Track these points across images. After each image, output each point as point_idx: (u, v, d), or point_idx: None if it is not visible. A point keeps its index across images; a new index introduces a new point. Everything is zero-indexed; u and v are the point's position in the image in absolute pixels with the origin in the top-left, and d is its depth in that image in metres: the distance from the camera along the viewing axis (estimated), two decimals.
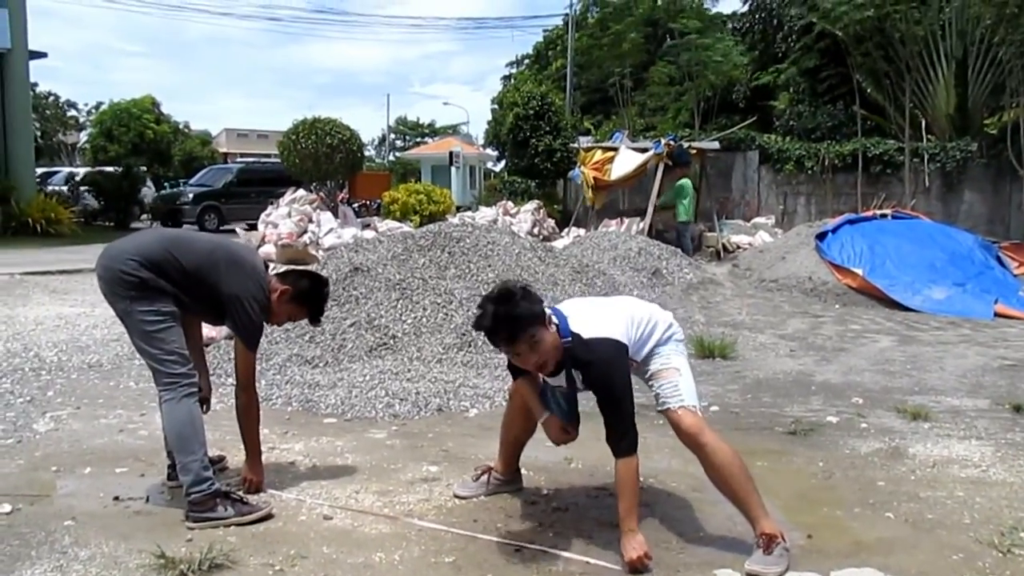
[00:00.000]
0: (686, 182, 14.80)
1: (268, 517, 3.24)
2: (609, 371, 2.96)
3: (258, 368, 5.68)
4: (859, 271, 10.40)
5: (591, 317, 3.08)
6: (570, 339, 3.00)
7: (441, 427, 4.68)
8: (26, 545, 2.98)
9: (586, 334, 3.00)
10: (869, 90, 20.15)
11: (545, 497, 3.57)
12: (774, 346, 7.33)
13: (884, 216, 12.46)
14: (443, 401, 5.10)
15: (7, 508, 3.32)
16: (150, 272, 3.21)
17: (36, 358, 6.15)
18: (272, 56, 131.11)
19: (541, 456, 3.93)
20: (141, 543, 2.97)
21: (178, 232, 3.45)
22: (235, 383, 3.54)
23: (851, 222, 11.90)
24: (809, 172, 19.29)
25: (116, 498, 3.46)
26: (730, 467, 2.98)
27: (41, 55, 21.06)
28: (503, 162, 31.73)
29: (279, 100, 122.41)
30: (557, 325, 3.03)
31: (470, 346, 6.12)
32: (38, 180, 20.70)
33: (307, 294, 3.61)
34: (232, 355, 3.69)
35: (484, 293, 6.54)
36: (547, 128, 21.23)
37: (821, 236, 11.47)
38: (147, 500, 3.45)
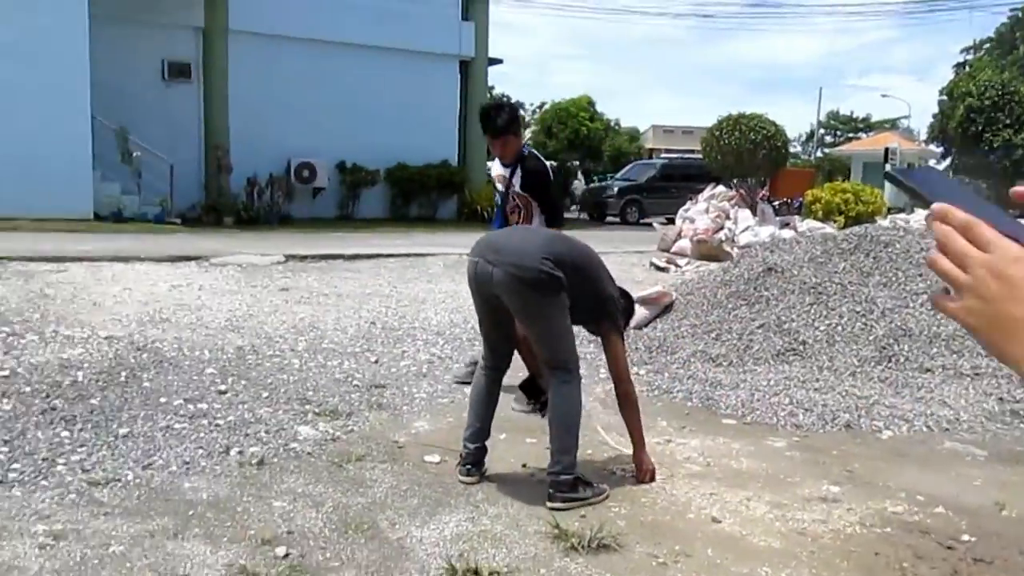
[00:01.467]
0: None
1: (606, 498, 3.38)
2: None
3: (662, 361, 5.83)
4: None
5: None
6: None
7: (848, 445, 4.33)
8: (447, 494, 3.37)
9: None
10: None
11: (965, 544, 3.12)
12: None
13: None
14: (853, 417, 4.71)
15: (436, 458, 3.79)
16: (561, 271, 3.37)
17: None
18: (702, 53, 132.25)
19: (966, 498, 3.44)
20: (540, 511, 3.19)
21: (556, 232, 3.91)
22: (616, 378, 3.66)
23: None
24: None
25: (524, 465, 3.77)
26: None
27: (497, 62, 23.74)
28: (948, 159, 28.44)
29: (707, 97, 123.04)
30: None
31: (890, 360, 5.58)
32: (488, 172, 23.42)
33: None
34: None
35: (911, 305, 5.94)
36: (1006, 121, 18.52)
37: None
38: None
